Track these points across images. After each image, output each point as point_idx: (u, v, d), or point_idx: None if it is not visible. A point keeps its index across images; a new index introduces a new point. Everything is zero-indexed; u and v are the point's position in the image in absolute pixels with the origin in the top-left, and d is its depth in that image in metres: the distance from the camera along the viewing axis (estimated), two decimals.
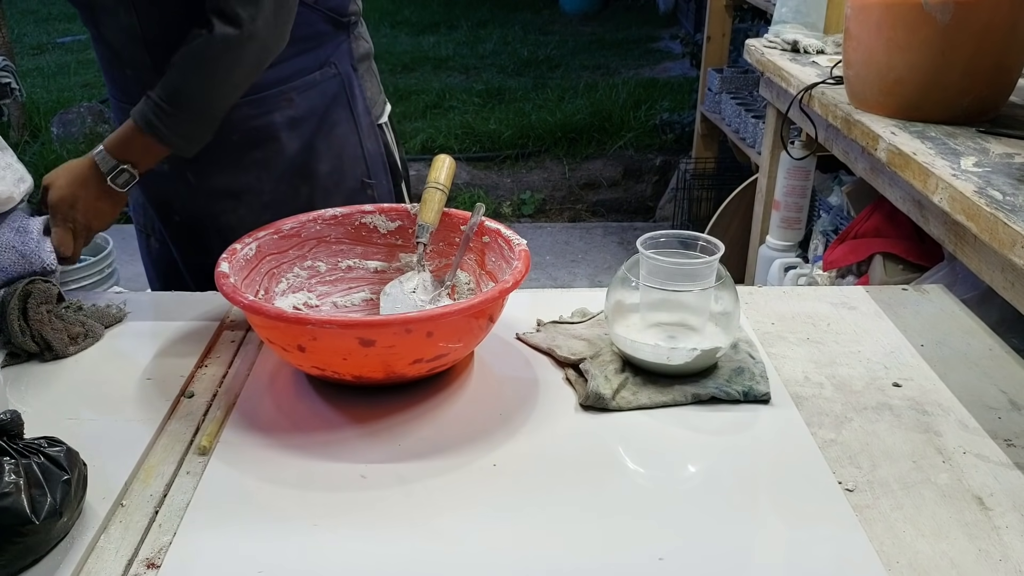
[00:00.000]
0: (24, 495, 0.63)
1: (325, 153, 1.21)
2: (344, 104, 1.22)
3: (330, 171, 1.22)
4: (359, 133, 1.24)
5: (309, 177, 1.21)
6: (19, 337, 0.92)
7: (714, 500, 0.73)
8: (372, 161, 1.26)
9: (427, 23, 6.91)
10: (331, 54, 1.19)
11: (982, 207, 1.06)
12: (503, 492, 0.74)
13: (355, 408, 0.85)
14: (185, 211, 1.23)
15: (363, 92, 1.25)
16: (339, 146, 1.22)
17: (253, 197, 1.20)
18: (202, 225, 1.22)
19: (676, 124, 4.33)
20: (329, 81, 1.20)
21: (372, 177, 1.26)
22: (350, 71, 1.22)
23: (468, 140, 4.38)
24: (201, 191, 1.20)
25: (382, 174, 1.28)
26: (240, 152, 1.17)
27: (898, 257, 1.66)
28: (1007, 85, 1.42)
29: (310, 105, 1.18)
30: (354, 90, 1.23)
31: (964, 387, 0.89)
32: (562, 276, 3.32)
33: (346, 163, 1.23)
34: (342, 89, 1.21)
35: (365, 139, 1.25)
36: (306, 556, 0.67)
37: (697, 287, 0.86)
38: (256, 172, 1.19)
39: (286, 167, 1.19)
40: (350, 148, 1.24)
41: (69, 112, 4.28)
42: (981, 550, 0.67)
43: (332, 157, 1.22)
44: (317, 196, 1.21)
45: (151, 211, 1.27)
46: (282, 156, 1.19)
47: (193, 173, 1.19)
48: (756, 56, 2.02)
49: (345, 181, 1.23)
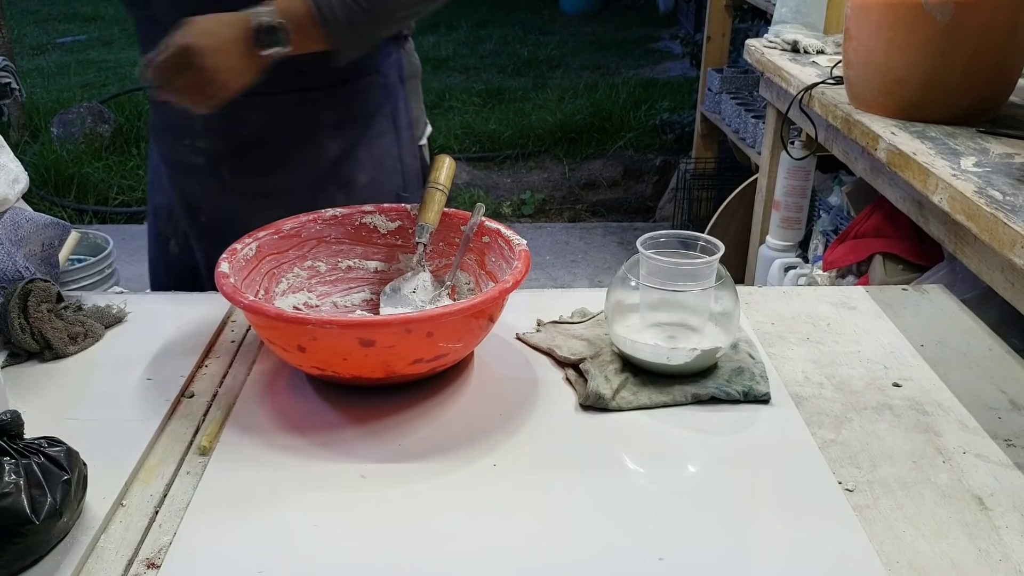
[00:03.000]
0: (24, 495, 0.63)
1: (366, 162, 1.19)
2: (388, 115, 1.20)
3: (368, 182, 1.20)
4: (399, 146, 1.22)
5: (347, 186, 1.19)
6: (19, 335, 0.92)
7: (714, 500, 0.73)
8: (408, 175, 1.24)
9: (427, 23, 6.90)
10: (380, 64, 1.17)
11: (982, 207, 1.06)
12: (503, 492, 0.74)
13: (355, 408, 0.85)
14: (214, 211, 1.21)
15: (408, 108, 1.23)
16: (379, 157, 1.20)
17: (287, 199, 1.16)
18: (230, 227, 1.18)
19: (676, 124, 4.34)
20: (375, 89, 1.18)
21: (407, 191, 1.24)
22: (397, 84, 1.20)
23: (468, 140, 4.38)
24: (234, 189, 1.18)
25: (416, 190, 1.25)
26: (280, 151, 1.15)
27: (898, 257, 1.66)
28: (1007, 85, 1.42)
29: (354, 111, 1.17)
30: (398, 103, 1.21)
31: (964, 387, 0.89)
32: (562, 276, 3.32)
33: (384, 175, 1.21)
34: (387, 100, 1.19)
35: (405, 153, 1.23)
36: (306, 556, 0.67)
37: (697, 287, 0.86)
38: (293, 173, 1.17)
39: (324, 171, 1.17)
40: (389, 160, 1.22)
41: (69, 112, 4.28)
42: (981, 550, 0.67)
43: (372, 167, 1.20)
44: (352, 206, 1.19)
45: (179, 211, 1.25)
46: (322, 159, 1.16)
47: (228, 169, 1.16)
48: (756, 56, 2.02)
49: (381, 194, 1.20)
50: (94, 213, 3.79)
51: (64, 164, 3.93)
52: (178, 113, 1.14)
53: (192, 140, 1.16)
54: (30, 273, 1.01)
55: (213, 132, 1.15)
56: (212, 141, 1.16)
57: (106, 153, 4.12)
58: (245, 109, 1.11)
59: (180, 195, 1.23)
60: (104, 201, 3.86)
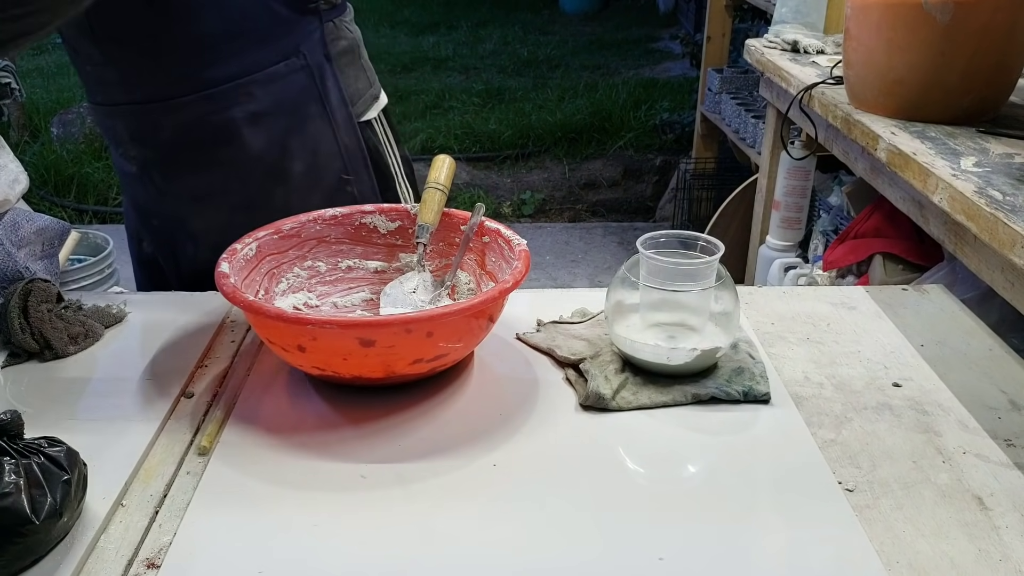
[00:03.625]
0: (24, 495, 0.63)
1: (299, 151, 1.15)
2: (316, 98, 1.15)
3: (305, 170, 1.16)
4: (334, 128, 1.17)
5: (283, 178, 1.15)
6: (19, 335, 0.92)
7: (714, 500, 0.73)
8: (351, 157, 1.19)
9: (427, 23, 6.92)
10: (299, 43, 1.12)
11: (982, 207, 1.06)
12: (503, 492, 0.74)
13: (355, 408, 0.85)
14: (159, 215, 1.20)
15: (340, 85, 1.17)
16: (314, 143, 1.16)
17: (220, 199, 1.15)
18: (174, 228, 1.19)
19: (676, 124, 4.34)
20: (296, 74, 1.13)
21: (350, 173, 1.20)
22: (323, 62, 1.14)
23: (468, 140, 4.38)
24: (169, 194, 1.16)
25: (362, 170, 1.21)
26: (201, 152, 1.12)
27: (898, 257, 1.66)
28: (1007, 85, 1.42)
29: (275, 99, 1.12)
30: (327, 82, 1.15)
31: (964, 387, 0.89)
32: (562, 276, 3.32)
33: (321, 160, 1.17)
34: (312, 82, 1.13)
35: (341, 134, 1.18)
36: (306, 556, 0.67)
37: (697, 287, 0.86)
38: (221, 172, 1.14)
39: (254, 167, 1.14)
40: (325, 144, 1.17)
41: (69, 112, 4.28)
42: (981, 550, 0.67)
43: (307, 155, 1.16)
44: (293, 197, 1.15)
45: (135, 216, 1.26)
46: (248, 154, 1.12)
47: (159, 175, 1.15)
48: (756, 56, 2.02)
49: (323, 179, 1.17)
50: (94, 213, 3.79)
51: (64, 164, 3.93)
52: (107, 127, 1.16)
53: (124, 149, 1.16)
54: (31, 273, 1.01)
55: (136, 140, 1.14)
56: (138, 148, 1.15)
57: (106, 153, 4.11)
58: (157, 114, 1.11)
59: (131, 201, 1.24)
60: (104, 201, 3.86)
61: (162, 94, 1.09)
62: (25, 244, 1.08)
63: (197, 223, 1.17)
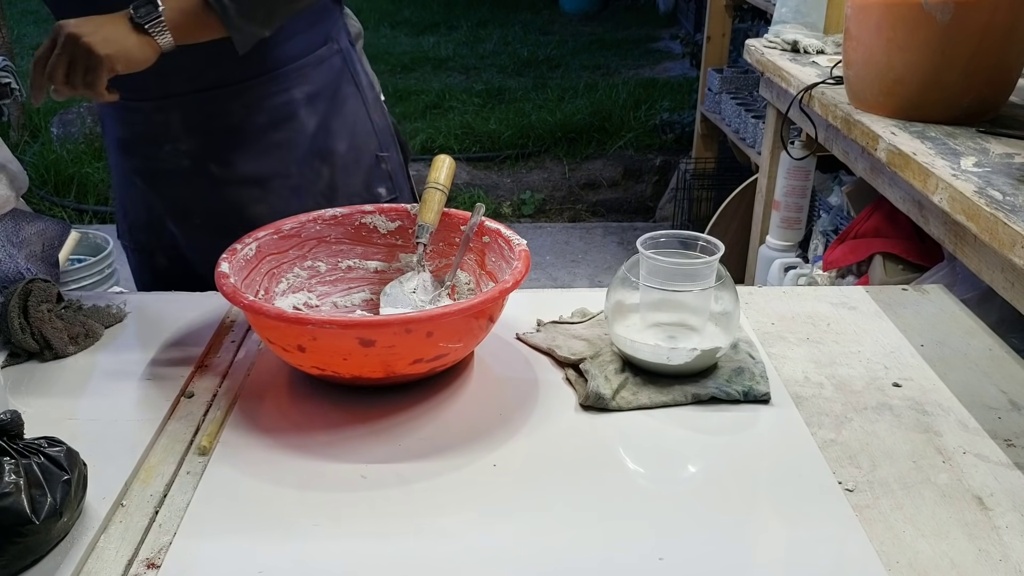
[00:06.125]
0: (24, 495, 0.63)
1: (340, 131, 1.21)
2: (349, 80, 1.22)
3: (347, 149, 1.21)
4: (367, 107, 1.24)
5: (328, 158, 1.20)
6: (19, 335, 0.92)
7: (714, 500, 0.73)
8: (382, 134, 1.26)
9: (427, 23, 6.91)
10: (330, 30, 1.19)
11: (982, 207, 1.06)
12: (503, 492, 0.74)
13: (355, 408, 0.85)
14: (208, 211, 1.20)
15: (364, 68, 1.26)
16: (352, 122, 1.22)
17: (280, 182, 1.18)
18: (227, 222, 1.17)
19: (676, 124, 4.34)
20: (334, 57, 1.20)
21: (384, 150, 1.26)
22: (349, 47, 1.23)
23: (468, 140, 4.38)
24: (227, 183, 1.17)
25: (392, 147, 1.28)
26: (262, 134, 1.16)
27: (898, 257, 1.66)
28: (1007, 85, 1.42)
29: (323, 81, 1.18)
30: (355, 65, 1.23)
31: (964, 387, 0.89)
32: (562, 276, 3.32)
33: (360, 139, 1.23)
34: (345, 65, 1.21)
35: (373, 112, 1.25)
36: (306, 556, 0.67)
37: (697, 287, 0.86)
38: (279, 155, 1.17)
39: (306, 148, 1.18)
40: (361, 123, 1.23)
41: (69, 112, 4.28)
42: (981, 550, 0.67)
43: (347, 135, 1.21)
44: (339, 176, 1.20)
45: (164, 221, 1.23)
46: (302, 136, 1.17)
47: (217, 164, 1.16)
48: (756, 56, 2.02)
49: (362, 158, 1.23)
50: (94, 213, 3.79)
51: (64, 164, 3.93)
52: (154, 123, 1.14)
53: (174, 145, 1.15)
54: (31, 273, 1.01)
55: (194, 131, 1.14)
56: (194, 140, 1.15)
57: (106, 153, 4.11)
58: (222, 100, 1.12)
59: (166, 204, 1.22)
60: (104, 201, 3.85)
61: (232, 77, 1.11)
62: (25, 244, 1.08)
63: (254, 209, 1.18)
